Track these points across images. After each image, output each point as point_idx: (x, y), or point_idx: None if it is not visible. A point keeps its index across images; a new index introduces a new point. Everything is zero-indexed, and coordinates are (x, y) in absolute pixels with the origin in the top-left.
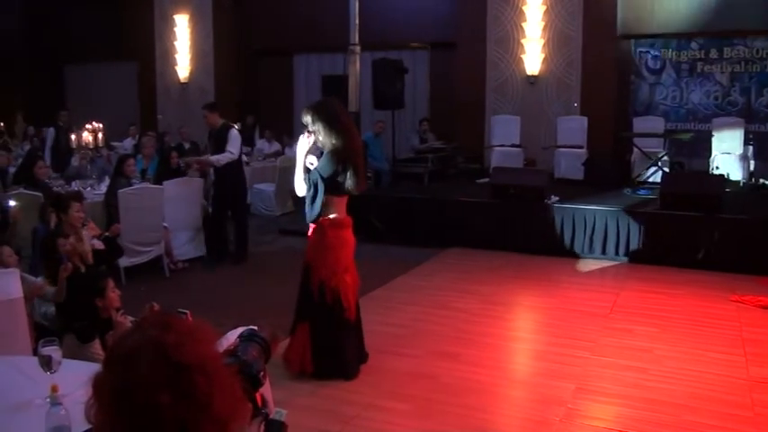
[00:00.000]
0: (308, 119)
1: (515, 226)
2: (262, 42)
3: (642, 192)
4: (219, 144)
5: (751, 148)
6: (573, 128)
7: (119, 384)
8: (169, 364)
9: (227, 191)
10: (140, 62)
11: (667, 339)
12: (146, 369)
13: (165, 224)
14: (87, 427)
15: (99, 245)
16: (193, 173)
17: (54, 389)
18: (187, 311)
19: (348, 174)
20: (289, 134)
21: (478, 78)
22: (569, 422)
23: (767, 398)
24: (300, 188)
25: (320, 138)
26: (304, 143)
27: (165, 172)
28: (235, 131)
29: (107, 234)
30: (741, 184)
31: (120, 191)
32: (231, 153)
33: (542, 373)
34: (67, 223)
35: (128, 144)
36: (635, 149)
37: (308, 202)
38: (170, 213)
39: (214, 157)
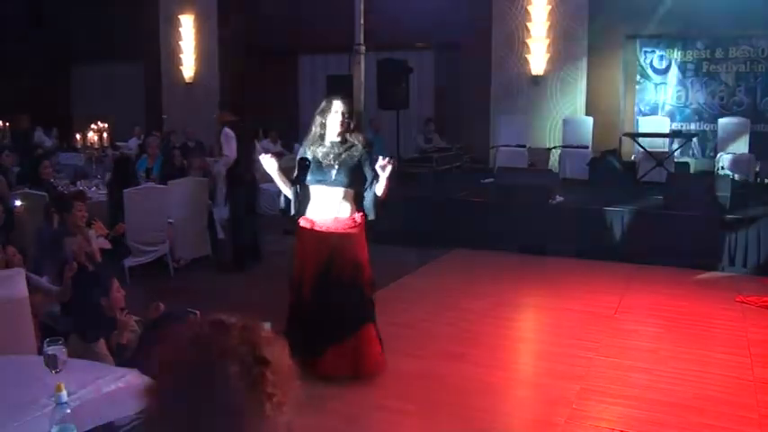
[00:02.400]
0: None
1: (520, 226)
2: (267, 42)
3: (647, 192)
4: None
5: (756, 148)
6: (578, 128)
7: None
8: (253, 352)
9: (233, 194)
10: (146, 62)
11: (672, 340)
12: (234, 340)
13: (170, 220)
14: (91, 426)
15: (105, 244)
16: (196, 173)
17: (59, 388)
18: (197, 311)
19: None
20: (294, 134)
21: (483, 78)
22: (574, 423)
23: None
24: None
25: (350, 135)
26: (273, 163)
27: (169, 171)
28: (226, 130)
29: (111, 233)
30: (746, 184)
31: (126, 190)
32: (225, 155)
33: (547, 373)
34: (71, 223)
35: (133, 144)
36: (640, 149)
37: (369, 199)
38: (175, 213)
39: (218, 165)
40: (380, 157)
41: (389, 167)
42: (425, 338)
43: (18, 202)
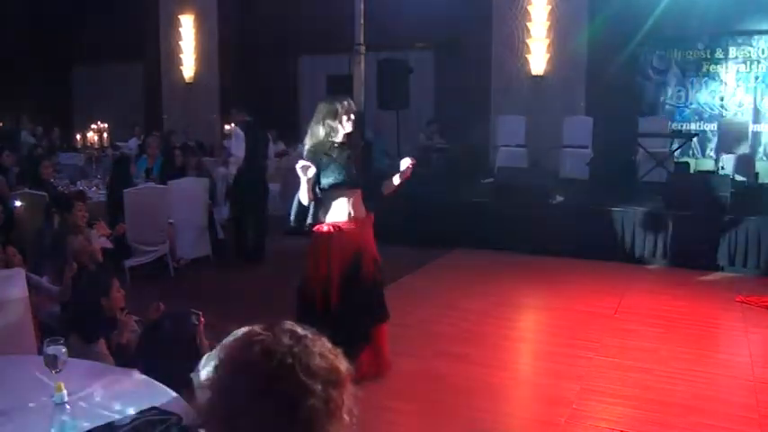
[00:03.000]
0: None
1: (520, 226)
2: (267, 42)
3: (647, 192)
4: None
5: (756, 147)
6: (578, 128)
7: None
8: (331, 374)
9: (240, 193)
10: (146, 63)
11: (672, 340)
12: (316, 359)
13: (170, 220)
14: (91, 426)
15: (105, 243)
16: (192, 173)
17: (59, 388)
18: (200, 312)
19: None
20: (295, 134)
21: (483, 78)
22: (574, 423)
23: None
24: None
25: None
26: (312, 170)
27: (169, 172)
28: (236, 130)
29: (113, 233)
30: (746, 184)
31: (126, 190)
32: (233, 155)
33: (548, 373)
34: (71, 223)
35: (132, 144)
36: (640, 149)
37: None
38: (175, 213)
39: (229, 166)
40: (408, 158)
41: (410, 170)
42: (426, 338)
43: (18, 203)
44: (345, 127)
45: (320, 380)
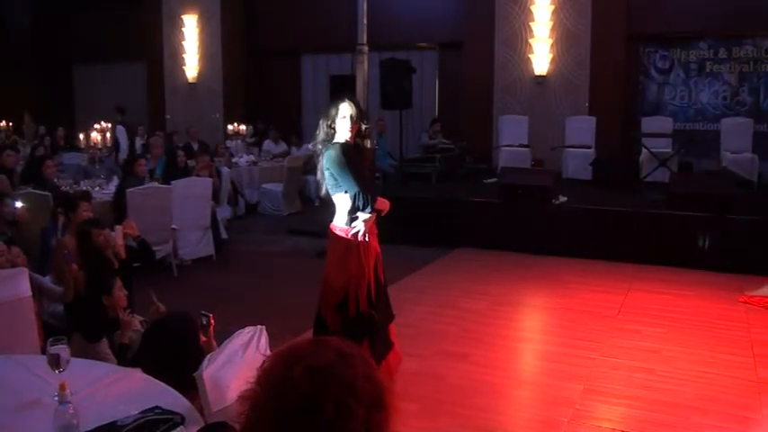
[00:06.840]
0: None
1: (523, 226)
2: (270, 42)
3: (650, 192)
4: None
5: (759, 148)
6: (581, 128)
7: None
8: (376, 397)
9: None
10: (149, 62)
11: (675, 340)
12: (361, 381)
13: (174, 226)
14: (94, 425)
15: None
16: (202, 173)
17: (62, 387)
18: (210, 314)
19: None
20: (297, 134)
21: (486, 78)
22: (577, 423)
23: None
24: None
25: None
26: None
27: (172, 172)
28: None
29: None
30: (749, 184)
31: (129, 190)
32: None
33: (550, 373)
34: (75, 223)
35: (135, 144)
36: (643, 149)
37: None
38: (178, 213)
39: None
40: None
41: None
42: (427, 338)
43: (18, 204)
44: (338, 130)
45: (364, 403)
